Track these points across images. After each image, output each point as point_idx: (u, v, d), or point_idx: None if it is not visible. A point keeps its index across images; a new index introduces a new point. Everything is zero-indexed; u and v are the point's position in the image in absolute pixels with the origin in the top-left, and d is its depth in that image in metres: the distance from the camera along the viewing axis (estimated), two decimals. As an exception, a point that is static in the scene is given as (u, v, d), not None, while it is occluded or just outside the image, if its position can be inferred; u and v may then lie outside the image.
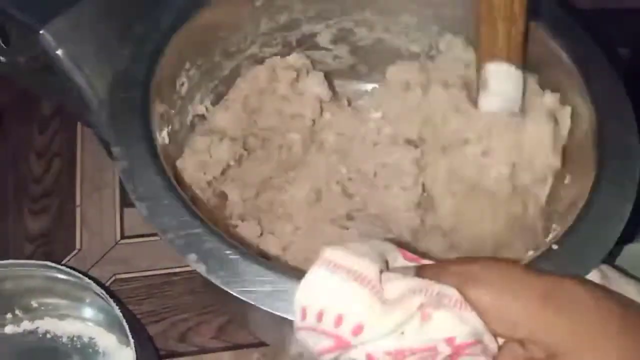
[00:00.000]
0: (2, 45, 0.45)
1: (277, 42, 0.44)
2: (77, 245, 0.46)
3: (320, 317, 0.20)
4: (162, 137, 0.36)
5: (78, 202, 0.48)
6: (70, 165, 0.50)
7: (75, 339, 0.42)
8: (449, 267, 0.22)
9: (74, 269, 0.37)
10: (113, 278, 0.45)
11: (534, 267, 0.25)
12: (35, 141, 0.51)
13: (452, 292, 0.20)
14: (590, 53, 0.38)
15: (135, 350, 0.34)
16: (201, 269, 0.27)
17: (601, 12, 0.63)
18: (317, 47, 0.45)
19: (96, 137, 0.50)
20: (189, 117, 0.41)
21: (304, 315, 0.21)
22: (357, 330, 0.20)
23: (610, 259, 0.30)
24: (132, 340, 0.34)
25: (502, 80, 0.37)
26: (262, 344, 0.42)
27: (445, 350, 0.20)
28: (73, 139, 0.52)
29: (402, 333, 0.20)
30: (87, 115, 0.44)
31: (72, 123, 0.52)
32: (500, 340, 0.21)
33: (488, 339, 0.21)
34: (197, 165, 0.39)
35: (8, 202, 0.48)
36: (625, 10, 0.64)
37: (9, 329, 0.42)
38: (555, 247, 0.29)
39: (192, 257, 0.27)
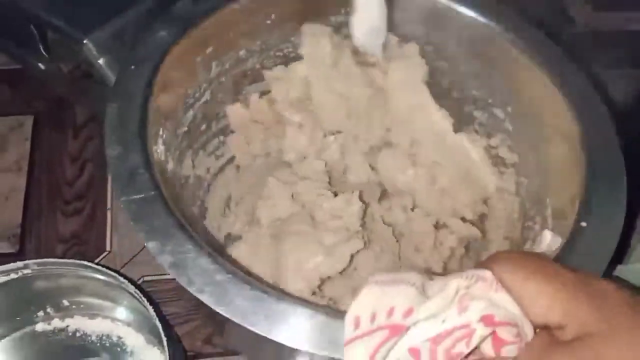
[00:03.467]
0: (44, 53, 0.47)
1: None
2: (108, 247, 0.48)
3: (373, 317, 0.22)
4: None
5: (109, 205, 0.50)
6: (102, 170, 0.52)
7: (104, 337, 0.43)
8: (483, 262, 0.23)
9: (110, 269, 0.38)
10: (141, 280, 0.46)
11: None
12: (69, 146, 0.53)
13: (487, 274, 0.21)
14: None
15: (168, 350, 0.35)
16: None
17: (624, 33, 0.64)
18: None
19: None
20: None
21: (357, 325, 0.22)
22: (408, 312, 0.21)
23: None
24: (165, 339, 0.35)
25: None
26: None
27: (481, 328, 0.21)
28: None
29: (443, 321, 0.21)
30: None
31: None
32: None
33: (523, 322, 0.21)
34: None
35: (42, 204, 0.50)
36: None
37: (39, 327, 0.43)
38: (584, 224, 0.31)
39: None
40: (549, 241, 0.32)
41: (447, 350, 0.21)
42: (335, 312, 0.27)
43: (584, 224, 0.31)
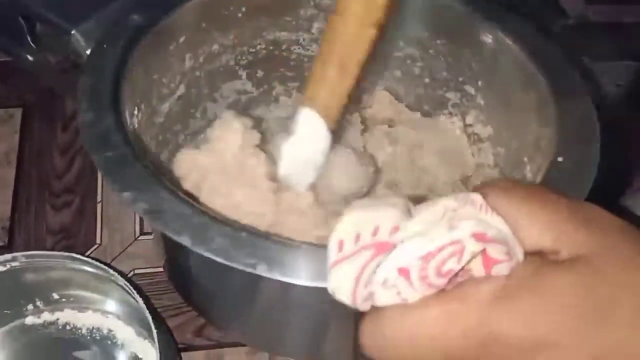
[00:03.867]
0: (32, 44, 0.47)
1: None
2: (98, 240, 0.48)
3: (357, 238, 0.21)
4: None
5: (99, 198, 0.50)
6: (91, 162, 0.51)
7: (94, 330, 0.43)
8: (476, 187, 0.22)
9: (99, 261, 0.38)
10: (132, 273, 0.46)
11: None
12: (58, 138, 0.53)
13: (477, 197, 0.21)
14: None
15: (158, 342, 0.35)
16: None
17: (616, 25, 0.65)
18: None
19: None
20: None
21: (340, 247, 0.21)
22: (394, 230, 0.20)
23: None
24: (155, 332, 0.35)
25: (308, 127, 0.34)
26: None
27: (472, 244, 0.20)
28: (95, 137, 0.53)
29: (432, 240, 0.20)
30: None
31: (94, 122, 0.54)
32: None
33: (514, 243, 0.21)
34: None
35: (31, 197, 0.50)
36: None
37: (29, 320, 0.43)
38: (560, 159, 0.31)
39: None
40: None
41: (437, 268, 0.20)
42: (317, 245, 0.26)
43: (560, 159, 0.32)
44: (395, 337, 0.20)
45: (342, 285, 0.21)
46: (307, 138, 0.34)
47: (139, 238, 0.48)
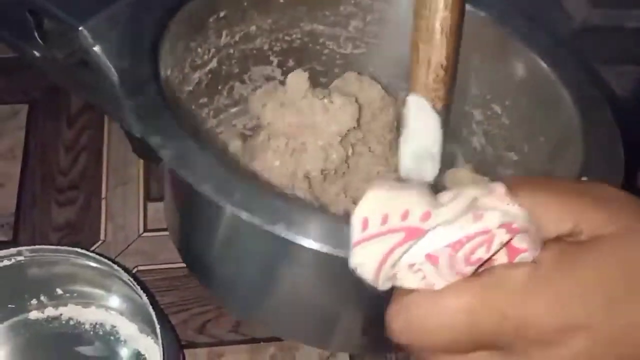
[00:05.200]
0: (39, 40, 0.47)
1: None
2: (102, 237, 0.48)
3: (385, 219, 0.20)
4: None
5: (103, 195, 0.50)
6: (96, 159, 0.52)
7: (97, 326, 0.43)
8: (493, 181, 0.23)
9: (104, 257, 0.38)
10: (135, 269, 0.46)
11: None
12: (63, 135, 0.53)
13: (500, 187, 0.21)
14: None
15: (161, 338, 0.35)
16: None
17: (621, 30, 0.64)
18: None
19: (123, 133, 0.51)
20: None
21: (365, 225, 0.21)
22: (425, 216, 0.20)
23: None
24: (158, 328, 0.35)
25: (418, 116, 0.32)
26: (278, 339, 0.43)
27: (501, 234, 0.20)
28: (100, 134, 0.53)
29: (461, 228, 0.20)
30: (117, 111, 0.46)
31: (99, 119, 0.54)
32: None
33: (535, 232, 0.21)
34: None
35: (36, 193, 0.50)
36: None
37: (32, 315, 0.43)
38: (584, 178, 0.31)
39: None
40: None
41: (466, 256, 0.20)
42: (339, 216, 0.26)
43: (584, 178, 0.31)
44: (427, 322, 0.21)
45: (366, 264, 0.21)
46: (419, 130, 0.32)
47: (143, 235, 0.48)
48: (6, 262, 0.39)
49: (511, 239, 0.20)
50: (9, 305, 0.42)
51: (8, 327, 0.43)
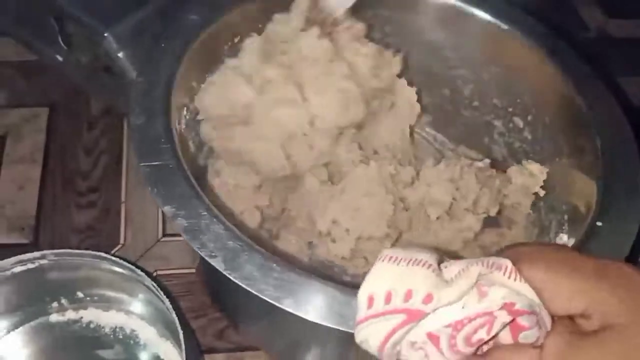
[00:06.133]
0: (62, 44, 0.48)
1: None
2: (121, 240, 0.48)
3: (388, 298, 0.21)
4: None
5: (123, 198, 0.50)
6: (116, 163, 0.52)
7: (117, 330, 0.43)
8: (502, 251, 0.23)
9: (127, 261, 0.38)
10: (155, 273, 0.46)
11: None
12: (83, 138, 0.53)
13: (505, 262, 0.21)
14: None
15: (184, 343, 0.35)
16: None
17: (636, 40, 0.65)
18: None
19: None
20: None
21: (370, 303, 0.21)
22: (428, 299, 0.21)
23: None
24: (181, 333, 0.35)
25: None
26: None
27: (503, 316, 0.21)
28: (119, 138, 0.54)
29: (463, 307, 0.21)
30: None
31: (119, 123, 0.54)
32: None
33: (543, 312, 0.21)
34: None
35: (56, 196, 0.50)
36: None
37: (53, 318, 0.43)
38: (599, 223, 0.31)
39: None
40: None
41: (467, 337, 0.21)
42: (345, 287, 0.27)
43: (599, 223, 0.32)
44: None
45: (370, 340, 0.22)
46: None
47: (162, 239, 0.48)
48: (30, 266, 0.40)
49: (514, 319, 0.21)
50: (30, 308, 0.43)
51: (29, 330, 0.43)
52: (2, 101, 0.55)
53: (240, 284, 0.27)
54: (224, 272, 0.28)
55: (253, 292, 0.27)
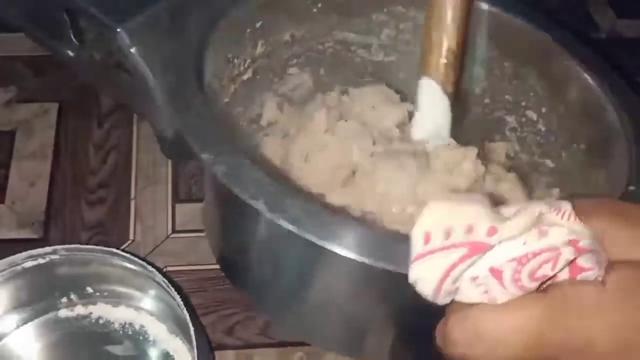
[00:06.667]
0: (74, 40, 0.48)
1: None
2: (131, 237, 0.48)
3: (448, 233, 0.20)
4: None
5: (132, 195, 0.50)
6: (126, 159, 0.52)
7: (127, 326, 0.43)
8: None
9: (138, 257, 0.38)
10: (165, 270, 0.46)
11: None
12: (93, 134, 0.53)
13: (566, 205, 0.21)
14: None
15: (195, 339, 0.35)
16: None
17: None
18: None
19: (153, 134, 0.51)
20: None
21: (427, 239, 0.21)
22: (492, 231, 0.20)
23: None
24: (192, 329, 0.35)
25: (430, 99, 0.35)
26: (306, 344, 0.43)
27: (567, 252, 0.20)
28: (129, 134, 0.54)
29: (524, 243, 0.20)
30: (151, 113, 0.46)
31: (129, 119, 0.54)
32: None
33: (601, 253, 0.21)
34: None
35: (66, 192, 0.50)
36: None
37: (62, 313, 0.43)
38: (632, 188, 0.31)
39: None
40: None
41: (532, 272, 0.20)
42: (389, 231, 0.27)
43: (632, 187, 0.31)
44: (490, 335, 0.20)
45: (427, 279, 0.21)
46: (430, 111, 0.35)
47: (172, 236, 0.48)
48: (40, 261, 0.40)
49: (576, 257, 0.20)
50: (40, 303, 0.42)
51: (38, 325, 0.43)
52: (12, 96, 0.55)
53: (287, 227, 0.27)
54: (268, 215, 0.27)
55: (298, 233, 0.26)
